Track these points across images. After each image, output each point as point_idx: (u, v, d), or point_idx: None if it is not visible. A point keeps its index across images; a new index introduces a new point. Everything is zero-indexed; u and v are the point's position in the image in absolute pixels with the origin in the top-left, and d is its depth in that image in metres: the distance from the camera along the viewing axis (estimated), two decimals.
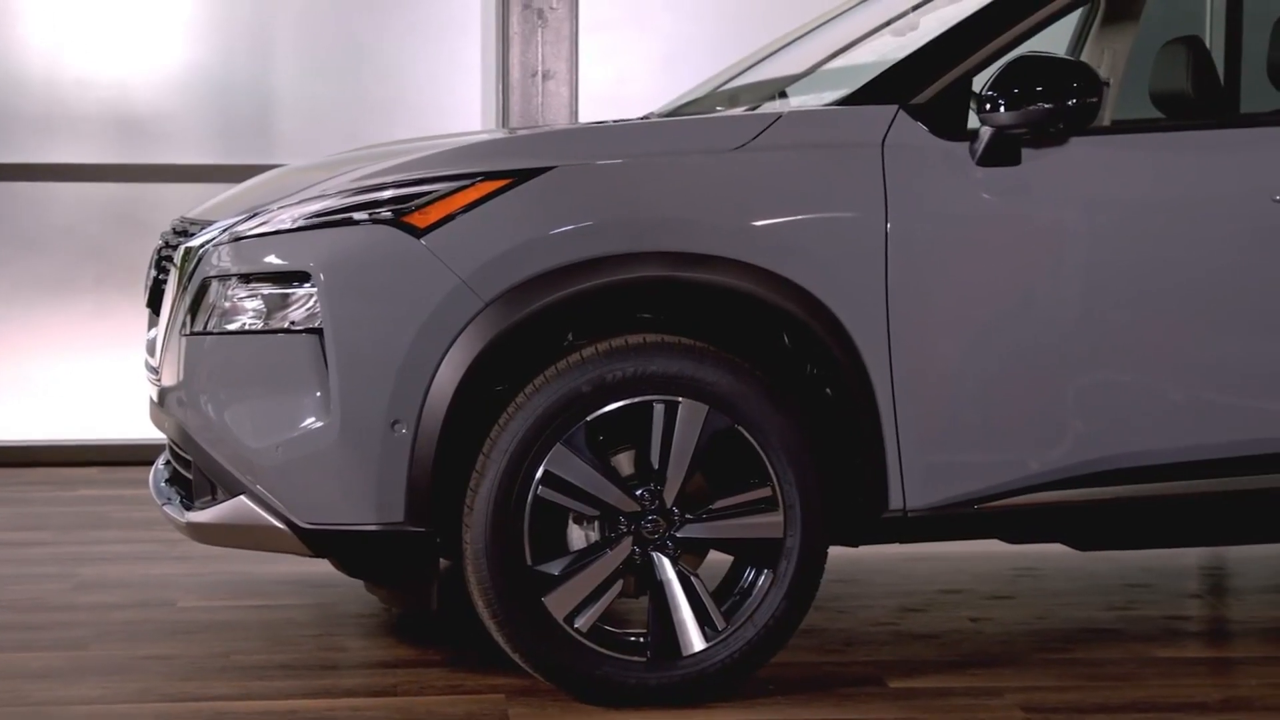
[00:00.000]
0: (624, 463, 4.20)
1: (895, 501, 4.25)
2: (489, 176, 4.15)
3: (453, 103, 7.67)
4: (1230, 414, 4.39)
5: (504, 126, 7.51)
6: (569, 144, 4.35)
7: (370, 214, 4.14)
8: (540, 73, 7.38)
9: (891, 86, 4.33)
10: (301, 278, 4.13)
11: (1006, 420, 4.29)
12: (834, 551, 4.32)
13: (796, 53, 5.28)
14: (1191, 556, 5.84)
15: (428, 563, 4.23)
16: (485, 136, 4.92)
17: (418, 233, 4.11)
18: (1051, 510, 4.35)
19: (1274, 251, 4.37)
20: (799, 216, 4.19)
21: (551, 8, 7.36)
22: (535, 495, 4.10)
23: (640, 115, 5.26)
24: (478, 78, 7.65)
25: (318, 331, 4.10)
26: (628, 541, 4.16)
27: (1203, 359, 4.37)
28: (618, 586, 4.18)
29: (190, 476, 4.33)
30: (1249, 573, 5.69)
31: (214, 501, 4.25)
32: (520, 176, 4.15)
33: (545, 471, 4.10)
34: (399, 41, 7.65)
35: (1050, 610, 5.16)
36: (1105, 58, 5.64)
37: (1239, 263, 4.37)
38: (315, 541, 4.17)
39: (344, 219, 4.15)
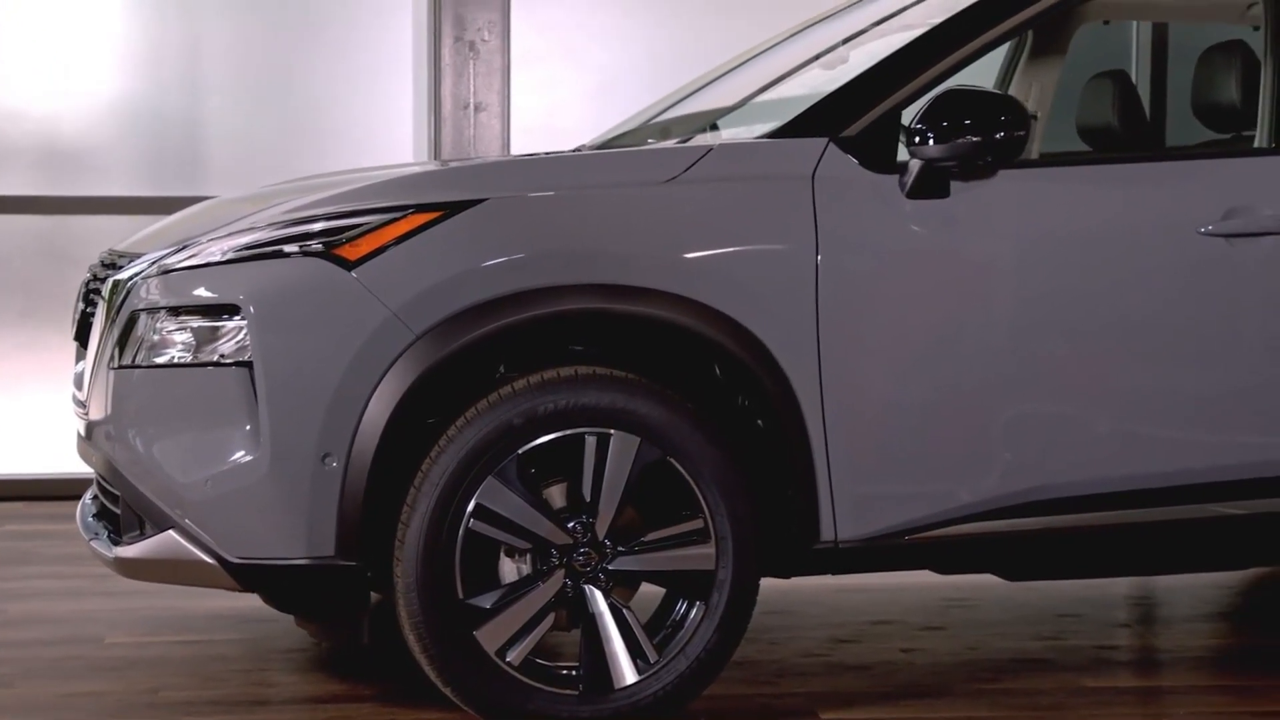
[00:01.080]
0: (556, 495, 4.19)
1: (827, 533, 4.26)
2: (420, 209, 4.15)
3: (384, 135, 7.66)
4: (1157, 445, 4.43)
5: (436, 158, 7.50)
6: (501, 176, 4.35)
7: (301, 246, 4.12)
8: (472, 104, 7.38)
9: (821, 119, 4.36)
10: (231, 310, 4.11)
11: (937, 451, 4.31)
12: (766, 583, 4.32)
13: (728, 85, 5.31)
14: (1121, 586, 5.88)
15: (358, 597, 4.21)
16: (417, 168, 4.91)
17: (348, 265, 4.09)
18: (982, 541, 4.37)
19: (1200, 283, 4.42)
20: (730, 249, 4.21)
21: (483, 40, 7.36)
22: (467, 528, 4.09)
23: (572, 147, 5.27)
24: (409, 109, 7.64)
25: (247, 364, 4.08)
26: (560, 574, 4.15)
27: (1131, 390, 4.41)
28: (550, 619, 4.17)
29: (118, 511, 4.29)
30: (1177, 602, 5.73)
31: (142, 536, 4.21)
32: (452, 209, 4.15)
33: (477, 504, 4.09)
34: (330, 73, 7.64)
35: (981, 641, 5.18)
36: (1033, 91, 5.69)
37: (1166, 294, 4.41)
38: (245, 576, 4.14)
39: (274, 251, 4.14)
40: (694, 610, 4.22)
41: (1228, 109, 4.80)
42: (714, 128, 5.03)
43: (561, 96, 7.60)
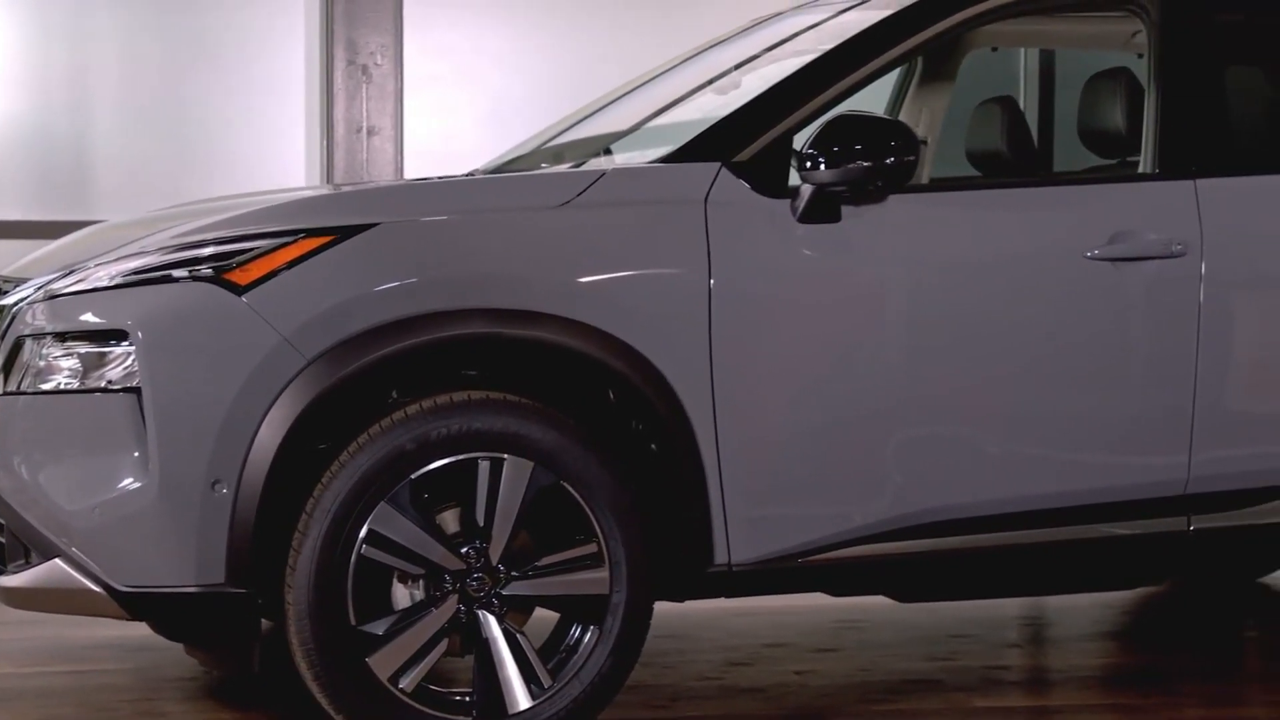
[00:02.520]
0: (449, 520, 4.17)
1: (720, 556, 4.27)
2: (311, 233, 4.12)
3: (276, 158, 7.62)
4: (1046, 466, 4.48)
5: (328, 182, 7.46)
6: (393, 200, 4.33)
7: (190, 271, 4.09)
8: (365, 128, 7.35)
9: (714, 144, 4.38)
10: (119, 336, 4.07)
11: (829, 474, 4.34)
12: (660, 606, 4.32)
13: (622, 109, 5.32)
14: (1012, 606, 5.93)
15: (249, 624, 4.17)
16: (308, 193, 4.88)
17: (239, 290, 4.06)
18: (874, 563, 4.39)
19: (1087, 307, 4.48)
20: (623, 273, 4.21)
21: (376, 64, 7.34)
22: (359, 554, 4.06)
23: (465, 172, 5.26)
24: (301, 133, 7.60)
25: (136, 391, 4.04)
26: (453, 600, 4.13)
27: (1020, 412, 4.46)
28: (443, 645, 4.15)
29: (2, 540, 4.23)
30: (1067, 622, 5.80)
31: (27, 565, 4.15)
32: (343, 233, 4.13)
33: (369, 530, 4.07)
34: (222, 97, 7.59)
35: (874, 662, 5.21)
36: (923, 117, 5.75)
37: (1053, 318, 4.47)
38: (134, 605, 4.09)
39: (163, 276, 4.10)
40: (588, 634, 4.21)
41: (1113, 135, 4.87)
42: (608, 152, 5.04)
43: (455, 120, 7.59)
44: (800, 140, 4.37)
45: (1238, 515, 4.61)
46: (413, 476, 4.09)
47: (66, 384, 4.09)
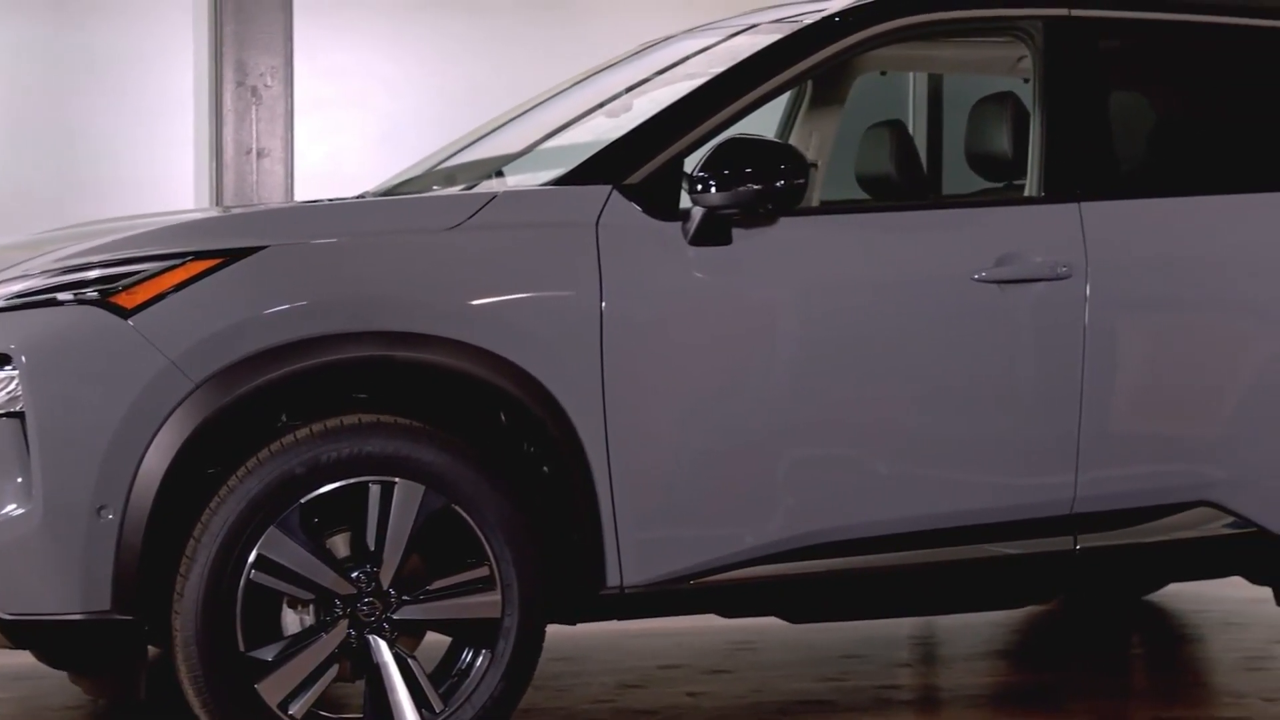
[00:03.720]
0: (340, 544, 4.15)
1: (613, 578, 4.27)
2: (200, 256, 4.09)
3: (165, 180, 7.55)
4: (936, 487, 4.52)
5: (217, 204, 7.40)
6: (282, 223, 4.31)
7: (75, 294, 4.04)
8: (255, 150, 7.30)
9: (605, 167, 4.39)
10: (2, 360, 4.01)
11: (721, 496, 4.35)
12: (552, 629, 4.31)
13: (514, 132, 5.32)
14: (903, 626, 5.97)
15: (135, 652, 4.12)
16: (197, 215, 4.84)
17: (125, 313, 4.02)
18: (766, 584, 4.41)
19: (974, 329, 4.52)
20: (514, 296, 4.21)
21: (266, 85, 7.29)
22: (248, 580, 4.03)
23: (356, 194, 5.24)
24: (190, 155, 7.54)
25: (19, 415, 3.98)
26: (343, 624, 4.10)
27: (910, 434, 4.49)
28: (333, 670, 4.12)
29: None
30: (957, 641, 5.84)
31: None
32: (232, 256, 4.10)
33: (258, 555, 4.03)
34: (110, 118, 7.51)
35: (766, 683, 5.23)
36: (813, 140, 5.78)
37: (942, 339, 4.51)
38: (17, 632, 4.03)
39: (48, 299, 4.04)
40: (480, 658, 4.20)
41: (999, 158, 4.93)
42: (499, 174, 5.04)
43: (346, 142, 7.56)
44: (691, 163, 4.39)
45: (1123, 534, 4.67)
46: (303, 501, 4.06)
47: None
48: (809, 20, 4.66)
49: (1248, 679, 5.30)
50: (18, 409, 3.98)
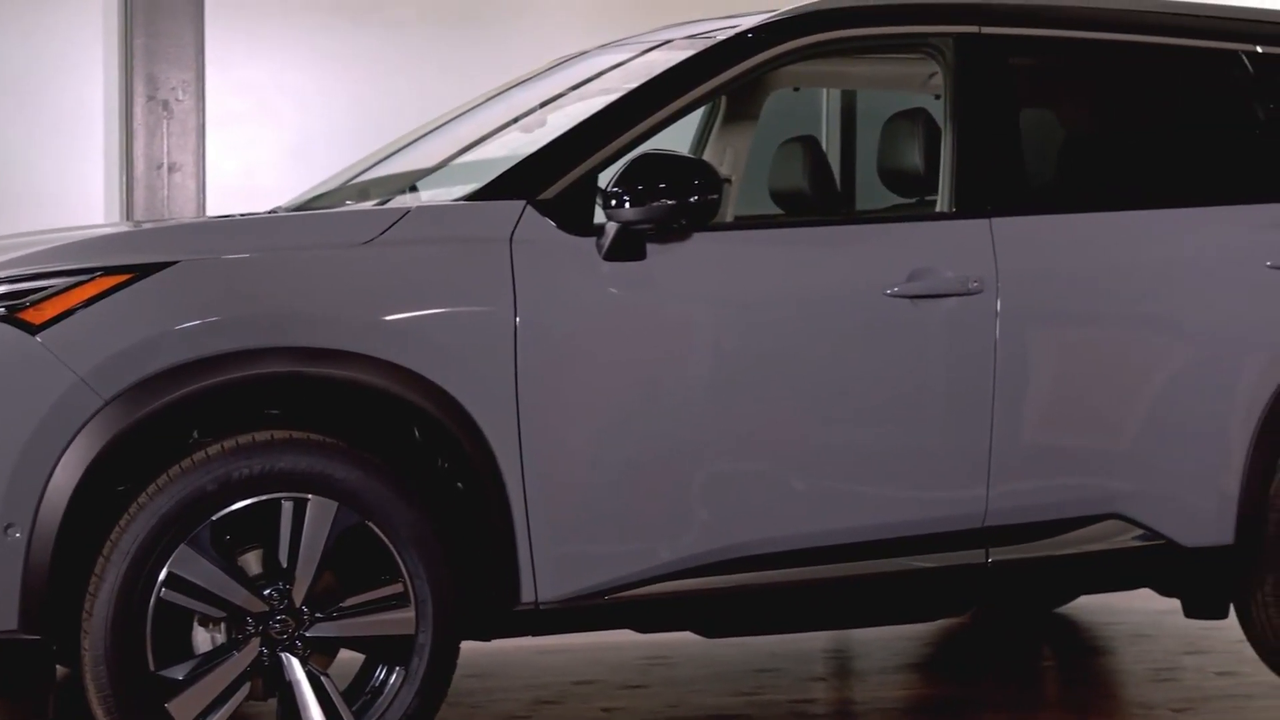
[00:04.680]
0: (252, 562, 4.12)
1: (527, 594, 4.26)
2: (109, 271, 4.05)
3: (75, 194, 7.47)
4: (850, 501, 4.54)
5: (128, 219, 7.33)
6: (194, 238, 4.27)
7: None
8: (166, 165, 7.24)
9: (519, 182, 4.38)
10: None
11: (637, 511, 4.35)
12: (467, 645, 4.30)
13: (428, 147, 5.30)
14: (818, 640, 5.99)
15: (43, 672, 4.07)
16: (107, 229, 4.80)
17: (32, 329, 3.97)
18: (681, 599, 4.41)
19: (887, 343, 4.55)
20: (428, 311, 4.19)
21: (178, 99, 7.24)
22: (158, 598, 3.99)
23: (268, 209, 5.21)
24: (100, 169, 7.47)
25: None
26: (255, 642, 4.07)
27: (824, 448, 4.51)
28: (245, 689, 4.08)
29: None
30: (872, 654, 5.87)
31: None
32: (142, 271, 4.06)
33: (169, 573, 3.99)
34: (19, 132, 7.43)
35: (681, 698, 5.23)
36: (727, 155, 5.80)
37: (856, 354, 4.53)
38: None
39: None
40: (394, 675, 4.18)
41: (911, 174, 4.96)
42: (413, 189, 5.02)
43: (259, 157, 7.51)
44: (605, 178, 4.39)
45: (1034, 547, 4.71)
46: (214, 518, 4.03)
47: None
48: (722, 36, 4.68)
49: (1157, 690, 5.35)
50: None
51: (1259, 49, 5.15)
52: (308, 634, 4.11)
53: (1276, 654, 5.10)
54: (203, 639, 4.07)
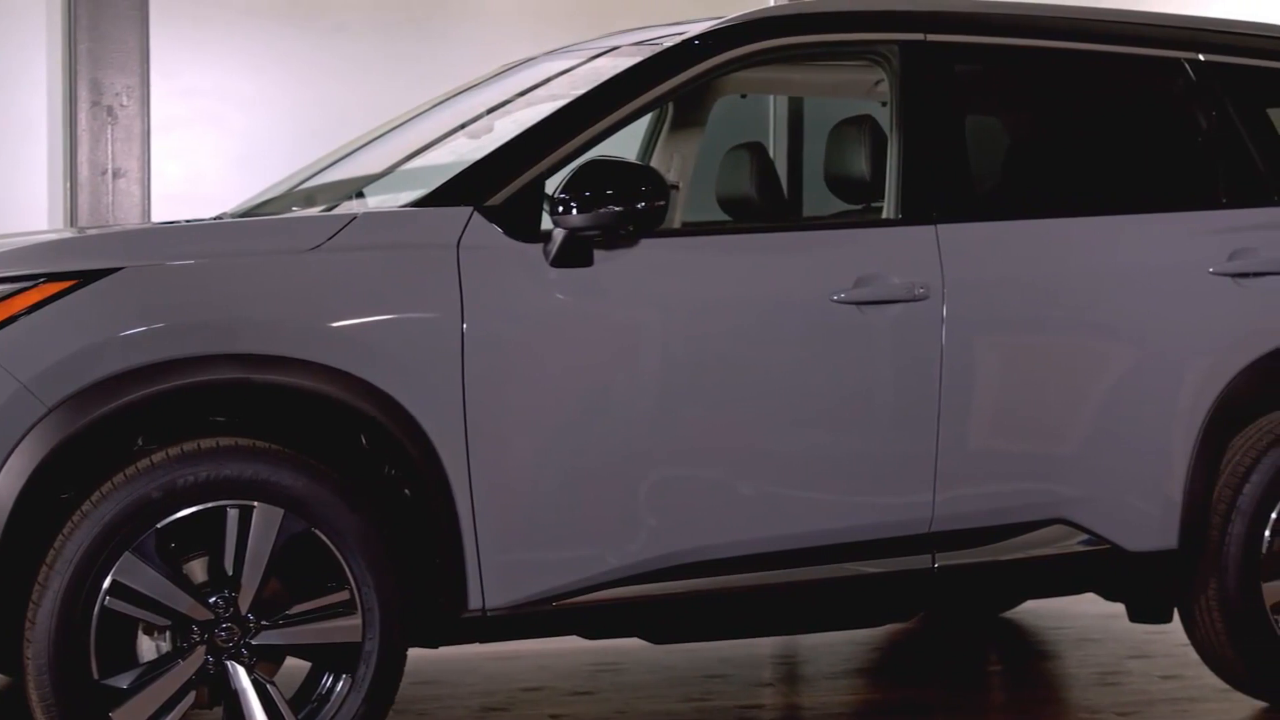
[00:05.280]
0: (198, 570, 4.09)
1: (475, 601, 4.26)
2: (53, 278, 4.02)
3: (19, 201, 7.42)
4: (797, 507, 4.54)
5: (72, 225, 7.29)
6: (139, 244, 4.25)
7: None
8: (110, 171, 7.21)
9: (466, 188, 4.37)
10: None
11: (583, 517, 4.35)
12: (415, 652, 4.29)
13: (374, 153, 5.29)
14: (766, 646, 6.00)
15: None
16: (51, 236, 4.76)
17: None
18: (628, 605, 4.41)
19: (834, 349, 4.56)
20: (375, 318, 4.18)
21: (122, 105, 7.20)
22: (102, 606, 3.96)
23: (214, 215, 5.18)
24: (44, 175, 7.42)
25: None
26: (201, 650, 4.05)
27: (771, 454, 4.52)
28: (190, 698, 4.06)
29: None
30: (819, 659, 5.88)
31: None
32: (86, 278, 4.04)
33: (113, 581, 3.97)
34: None
35: (629, 704, 5.23)
36: (674, 162, 5.81)
37: (803, 360, 4.54)
38: None
39: None
40: (340, 683, 4.16)
41: (858, 181, 4.98)
42: (360, 195, 5.01)
43: (204, 163, 7.48)
44: (552, 185, 4.39)
45: (980, 552, 4.73)
46: (159, 525, 4.01)
47: None
48: (669, 43, 4.68)
49: (1102, 694, 5.38)
50: None
51: (1201, 57, 5.19)
52: (253, 642, 4.09)
53: (1220, 657, 5.14)
54: (147, 647, 4.05)
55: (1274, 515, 5.04)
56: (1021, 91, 5.20)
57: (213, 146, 7.50)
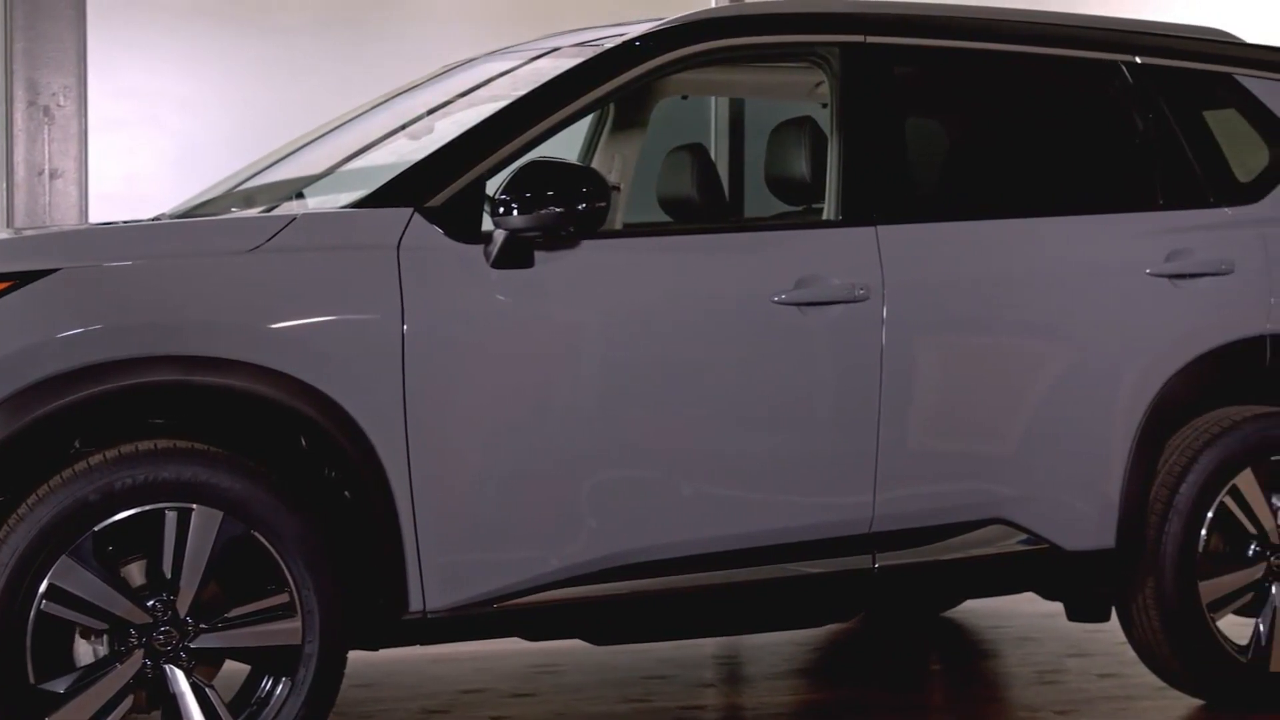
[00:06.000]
0: (135, 573, 4.07)
1: (415, 603, 4.24)
2: None
3: None
4: (738, 508, 4.55)
5: (8, 226, 7.23)
6: (76, 245, 4.22)
7: None
8: (47, 171, 7.15)
9: (406, 189, 4.36)
10: None
11: (525, 519, 4.34)
12: (355, 655, 4.27)
13: (314, 153, 5.27)
14: (707, 646, 6.01)
15: None
16: None
17: None
18: (569, 606, 4.41)
19: (775, 350, 4.57)
20: (314, 319, 4.16)
21: (59, 105, 7.14)
22: (39, 610, 3.93)
23: (152, 216, 5.15)
24: None
25: None
26: (139, 654, 4.03)
27: (712, 455, 4.52)
28: (129, 702, 4.03)
29: None
30: (761, 660, 5.89)
31: None
32: (22, 279, 4.00)
33: (50, 585, 3.94)
34: None
35: (570, 706, 5.23)
36: (615, 163, 5.81)
37: (744, 361, 4.55)
38: None
39: None
40: (280, 686, 4.14)
41: (798, 182, 4.99)
42: (300, 196, 4.99)
43: (142, 163, 7.42)
44: (493, 186, 4.38)
45: (920, 552, 4.75)
46: (96, 529, 3.98)
47: None
48: (611, 44, 4.69)
49: (1041, 693, 5.41)
50: None
51: (1138, 60, 5.23)
52: (192, 645, 4.07)
53: (1157, 656, 5.17)
54: (85, 651, 4.02)
55: (1210, 515, 5.08)
56: (961, 93, 5.22)
57: (151, 147, 7.44)
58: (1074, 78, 5.21)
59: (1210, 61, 5.35)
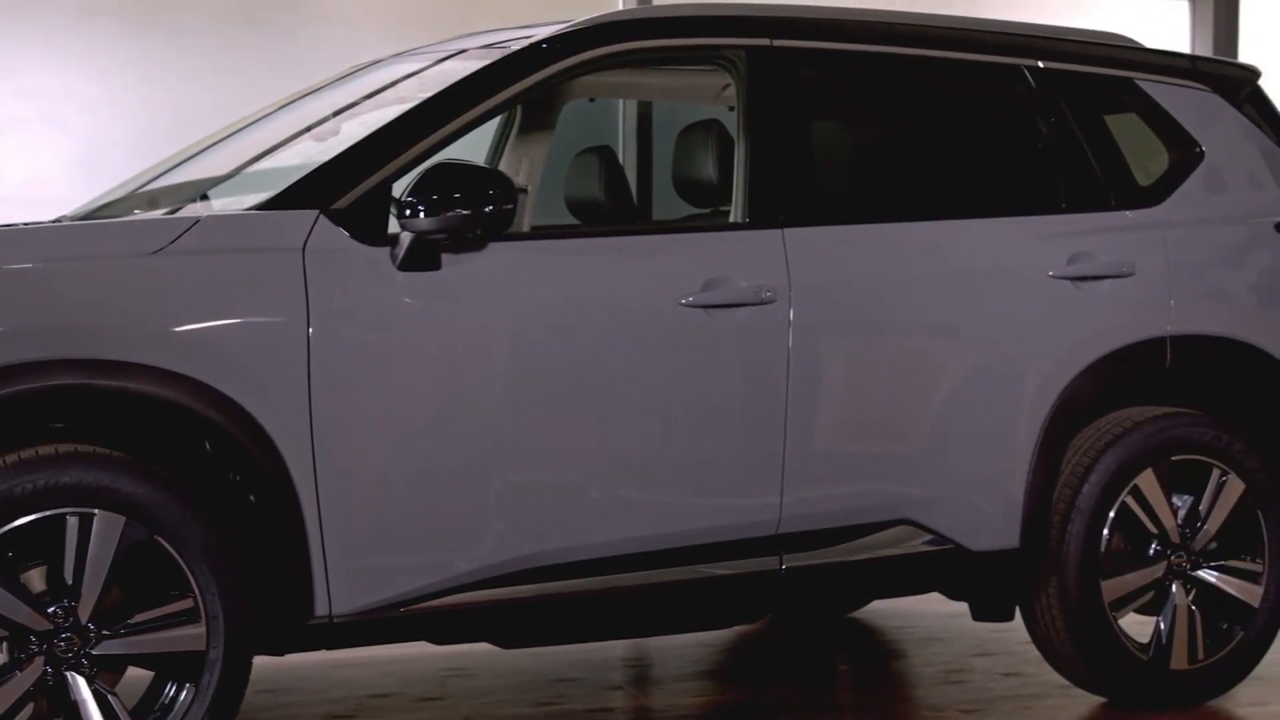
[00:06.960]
0: (36, 579, 4.02)
1: (321, 608, 4.22)
2: None
3: None
4: (646, 510, 4.56)
5: None
6: None
7: None
8: None
9: (312, 191, 4.34)
10: None
11: (432, 522, 4.33)
12: (259, 660, 4.24)
13: (219, 155, 5.23)
14: (616, 649, 6.01)
15: None
16: None
17: None
18: (477, 610, 4.40)
19: (682, 353, 4.58)
20: (219, 322, 4.13)
21: None
22: None
23: (54, 218, 5.09)
24: None
25: None
26: (39, 661, 3.98)
27: (619, 457, 4.53)
28: (29, 709, 3.98)
29: None
30: (669, 662, 5.90)
31: None
32: None
33: None
34: None
35: (479, 710, 5.21)
36: (523, 165, 5.81)
37: (651, 364, 4.56)
38: None
39: None
40: (184, 692, 4.11)
41: (705, 185, 5.01)
42: (204, 198, 4.95)
43: (44, 164, 7.34)
44: (400, 188, 4.36)
45: (827, 553, 4.77)
46: None
47: None
48: (517, 46, 4.68)
49: (947, 692, 5.45)
50: None
51: (1040, 64, 5.28)
52: (94, 652, 4.03)
53: (1060, 655, 5.23)
54: None
55: (1112, 514, 5.14)
56: (867, 97, 5.25)
57: (53, 148, 7.36)
58: (978, 82, 5.25)
59: (1112, 66, 5.41)
